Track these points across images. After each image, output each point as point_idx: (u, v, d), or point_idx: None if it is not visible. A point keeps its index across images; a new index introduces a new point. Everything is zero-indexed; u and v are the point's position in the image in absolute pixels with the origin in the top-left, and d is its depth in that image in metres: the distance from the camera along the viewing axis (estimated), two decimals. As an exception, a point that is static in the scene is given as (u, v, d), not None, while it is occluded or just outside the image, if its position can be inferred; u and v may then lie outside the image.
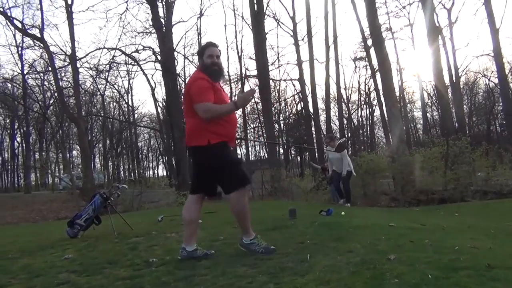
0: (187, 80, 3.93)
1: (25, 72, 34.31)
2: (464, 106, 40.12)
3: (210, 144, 3.48)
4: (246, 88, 44.01)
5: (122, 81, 51.57)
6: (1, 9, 23.67)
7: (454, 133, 16.81)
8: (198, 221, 3.84)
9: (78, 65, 24.86)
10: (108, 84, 39.18)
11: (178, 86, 29.35)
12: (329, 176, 10.76)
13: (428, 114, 46.77)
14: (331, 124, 36.53)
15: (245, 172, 3.77)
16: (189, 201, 3.77)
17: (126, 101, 46.21)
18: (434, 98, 42.94)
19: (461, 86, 38.68)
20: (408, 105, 46.18)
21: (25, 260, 4.20)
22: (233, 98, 3.56)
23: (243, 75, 37.65)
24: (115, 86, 43.08)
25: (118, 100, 46.24)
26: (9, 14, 24.38)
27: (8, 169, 54.23)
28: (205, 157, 3.58)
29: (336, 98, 36.52)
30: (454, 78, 32.36)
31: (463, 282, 2.34)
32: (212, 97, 3.48)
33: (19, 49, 33.28)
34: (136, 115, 48.23)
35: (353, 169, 9.93)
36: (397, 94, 28.85)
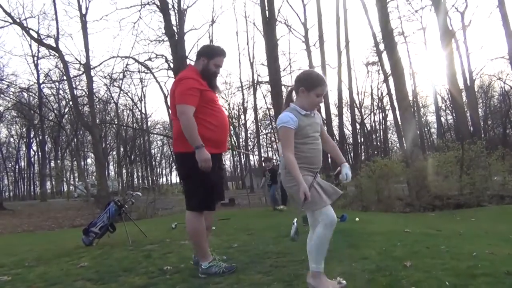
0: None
1: (41, 81, 34.89)
2: (479, 110, 39.62)
3: (190, 152, 3.21)
4: (259, 94, 44.05)
5: (136, 89, 52.39)
6: (18, 20, 24.11)
7: (469, 137, 16.57)
8: (207, 232, 3.64)
9: (92, 74, 25.18)
10: (121, 92, 39.57)
11: (191, 93, 29.50)
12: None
13: (442, 118, 46.30)
14: (344, 129, 36.39)
15: (214, 196, 3.43)
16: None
17: (140, 108, 46.70)
18: (448, 102, 42.51)
19: (476, 90, 38.22)
20: (422, 109, 45.77)
21: (41, 268, 4.24)
22: (202, 145, 3.17)
23: (255, 81, 37.77)
24: (129, 94, 43.53)
25: (131, 108, 46.73)
26: (25, 25, 24.83)
27: (24, 177, 55.05)
28: (183, 165, 3.38)
29: (348, 103, 36.33)
30: (468, 82, 32.00)
31: (482, 290, 2.30)
32: (195, 101, 3.25)
33: (35, 59, 33.92)
34: (149, 123, 48.69)
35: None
36: (410, 98, 28.59)
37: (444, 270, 2.79)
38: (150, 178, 46.63)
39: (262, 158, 11.55)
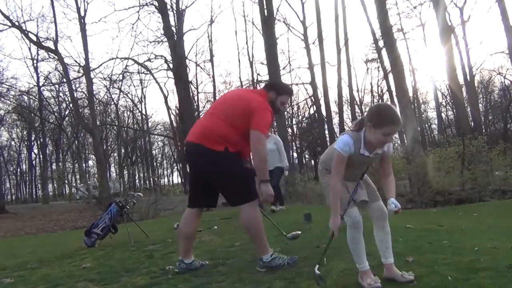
0: (249, 98, 3.41)
1: (41, 84, 34.88)
2: (480, 105, 39.60)
3: (227, 151, 3.25)
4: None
5: (135, 90, 52.42)
6: (17, 23, 24.11)
7: (470, 132, 16.55)
8: (195, 235, 3.66)
9: (92, 76, 25.19)
10: (121, 93, 39.62)
11: (191, 94, 29.55)
12: None
13: (442, 114, 46.27)
14: (345, 126, 36.32)
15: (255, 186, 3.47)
16: (187, 214, 3.56)
17: (140, 109, 46.70)
18: (449, 98, 42.50)
19: (476, 85, 38.17)
20: (422, 105, 45.76)
21: (44, 270, 4.25)
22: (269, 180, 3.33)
23: (255, 80, 37.75)
24: (129, 95, 43.53)
25: (131, 109, 46.75)
26: (24, 28, 24.83)
27: (26, 180, 55.17)
28: (235, 163, 3.32)
29: (348, 100, 36.38)
30: (468, 77, 31.93)
31: (484, 284, 2.30)
32: (267, 132, 3.37)
33: (35, 62, 33.93)
34: (149, 124, 48.69)
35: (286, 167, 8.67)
36: (411, 94, 28.59)
37: (447, 265, 2.78)
38: (151, 179, 46.67)
39: None
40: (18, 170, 53.95)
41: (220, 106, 3.48)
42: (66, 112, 40.58)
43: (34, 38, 25.34)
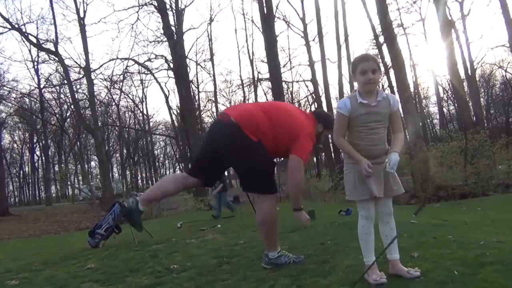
0: (296, 121, 3.32)
1: (42, 86, 34.92)
2: (481, 99, 39.47)
3: (260, 144, 3.16)
4: (260, 91, 43.98)
5: (136, 90, 52.20)
6: (16, 26, 24.14)
7: (472, 126, 16.53)
8: (168, 195, 3.61)
9: (93, 77, 25.24)
10: (122, 94, 39.60)
11: (192, 93, 29.53)
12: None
13: (444, 109, 46.13)
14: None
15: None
16: (181, 176, 3.53)
17: (141, 110, 46.66)
18: (450, 93, 42.37)
19: (477, 79, 38.02)
20: (424, 100, 45.61)
21: (48, 271, 4.25)
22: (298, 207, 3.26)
23: (256, 79, 37.72)
24: (130, 95, 43.48)
25: (133, 109, 46.71)
26: (24, 30, 24.86)
27: (29, 183, 55.24)
28: (248, 150, 3.15)
29: (350, 97, 36.24)
30: (469, 71, 31.82)
31: (491, 278, 2.28)
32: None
33: (35, 64, 33.96)
34: (151, 124, 48.65)
35: None
36: (412, 90, 28.50)
37: (452, 260, 2.77)
38: (154, 179, 46.68)
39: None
40: (21, 172, 53.98)
41: (274, 111, 3.32)
42: (68, 114, 40.62)
43: (34, 40, 25.39)
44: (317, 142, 3.44)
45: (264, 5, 22.55)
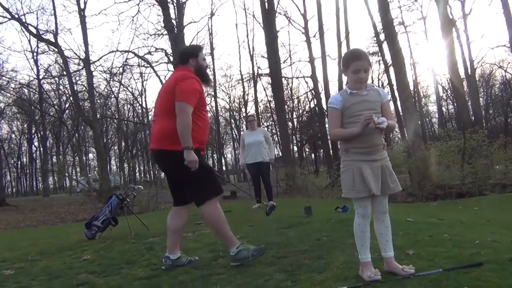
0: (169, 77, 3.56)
1: (41, 77, 34.80)
2: (481, 99, 39.51)
3: (182, 150, 3.18)
4: (259, 87, 43.95)
5: (136, 83, 52.30)
6: (16, 16, 24.01)
7: (470, 126, 16.56)
8: (182, 230, 3.64)
9: (92, 69, 25.11)
10: (121, 86, 39.54)
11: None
12: None
13: (443, 108, 46.21)
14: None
15: (217, 180, 3.47)
16: (173, 210, 3.57)
17: (140, 103, 46.67)
18: (449, 92, 42.44)
19: (477, 79, 38.06)
20: (423, 99, 45.68)
21: (44, 262, 4.26)
22: (192, 147, 3.18)
23: (255, 74, 37.68)
24: (129, 88, 43.45)
25: (132, 102, 46.70)
26: (24, 21, 24.73)
27: (26, 173, 55.24)
28: (177, 162, 3.23)
29: (349, 94, 36.23)
30: (469, 71, 31.82)
31: (485, 277, 2.29)
32: (195, 102, 3.27)
33: (34, 54, 33.85)
34: (150, 117, 48.60)
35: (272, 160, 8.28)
36: (411, 88, 28.51)
37: (447, 258, 2.78)
38: (152, 172, 46.71)
39: None
40: (19, 163, 54.05)
41: (159, 99, 3.47)
42: (66, 105, 40.58)
43: (34, 31, 25.28)
44: (203, 71, 3.52)
45: (265, 0, 22.46)
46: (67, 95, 38.05)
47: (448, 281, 2.28)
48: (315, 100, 34.99)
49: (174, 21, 24.44)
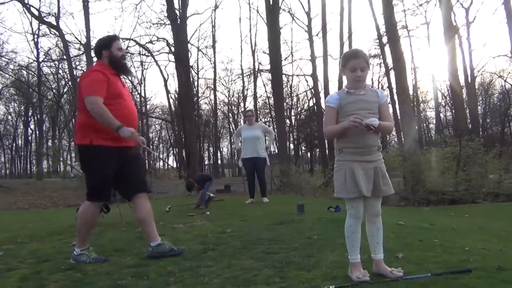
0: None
1: (40, 60, 34.61)
2: (479, 107, 39.61)
3: (92, 144, 3.31)
4: (259, 82, 43.87)
5: (135, 71, 51.85)
6: (19, -4, 23.83)
7: (467, 133, 16.61)
8: (151, 217, 3.58)
9: (93, 54, 24.95)
10: (121, 74, 39.30)
11: (191, 78, 29.39)
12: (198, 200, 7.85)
13: (441, 114, 46.30)
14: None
15: (105, 189, 3.49)
16: (135, 203, 3.56)
17: (139, 91, 46.43)
18: (448, 98, 42.47)
19: (476, 87, 38.14)
20: (421, 104, 45.71)
21: (33, 245, 4.25)
22: (121, 124, 3.25)
23: (256, 69, 37.60)
24: (128, 76, 43.24)
25: (131, 90, 46.47)
26: (26, 2, 24.55)
27: (21, 156, 55.03)
28: (84, 157, 3.45)
29: (348, 95, 36.21)
30: (469, 79, 31.91)
31: (473, 283, 2.30)
32: (103, 92, 3.29)
33: (35, 36, 33.59)
34: (148, 106, 48.47)
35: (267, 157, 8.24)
36: (411, 92, 28.54)
37: (436, 263, 2.78)
38: (147, 162, 46.65)
39: (186, 183, 8.74)
40: (14, 145, 53.78)
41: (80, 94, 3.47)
42: (65, 90, 40.36)
43: (36, 13, 25.12)
44: (118, 61, 3.51)
45: (270, -5, 22.37)
46: (66, 80, 37.89)
47: (436, 285, 2.28)
48: (314, 99, 34.98)
49: (177, 11, 24.31)
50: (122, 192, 3.72)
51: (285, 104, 34.12)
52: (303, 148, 51.81)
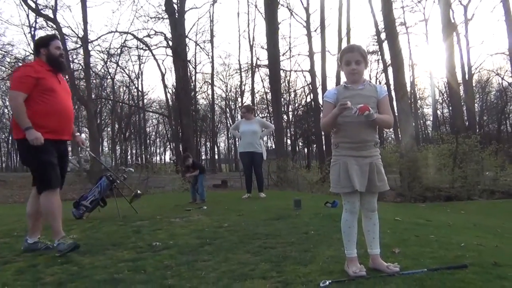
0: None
1: (37, 53, 34.32)
2: (476, 105, 39.70)
3: (25, 138, 3.39)
4: (257, 78, 43.78)
5: (133, 65, 51.77)
6: (15, -11, 23.67)
7: (464, 131, 16.63)
8: (40, 214, 3.71)
9: (90, 48, 24.86)
10: (118, 68, 39.21)
11: (188, 73, 29.32)
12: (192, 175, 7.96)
13: (438, 111, 46.36)
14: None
15: (52, 174, 3.55)
16: (32, 195, 3.71)
17: (136, 86, 46.31)
18: (445, 95, 42.56)
19: (474, 84, 38.21)
20: (419, 101, 45.77)
21: (30, 238, 4.22)
22: (30, 126, 3.37)
23: (254, 64, 37.56)
24: (126, 70, 43.10)
25: (128, 84, 46.34)
26: (23, -6, 24.35)
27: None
28: (21, 151, 3.59)
29: (346, 91, 36.22)
30: (467, 76, 31.97)
31: (468, 279, 2.31)
32: (27, 88, 3.41)
33: (32, 29, 33.27)
34: (145, 100, 48.34)
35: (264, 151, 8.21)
36: (408, 89, 28.56)
37: (432, 259, 2.79)
38: (144, 156, 46.60)
39: (183, 155, 8.93)
40: (10, 138, 53.51)
41: None
42: (62, 83, 40.09)
43: (33, 5, 24.87)
44: (55, 59, 3.64)
45: (269, -10, 22.30)
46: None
47: (432, 281, 2.29)
48: (311, 95, 35.00)
49: (175, 5, 24.22)
50: None
51: (282, 99, 34.09)
52: (300, 143, 51.87)
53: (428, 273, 2.43)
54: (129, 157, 52.35)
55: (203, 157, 52.94)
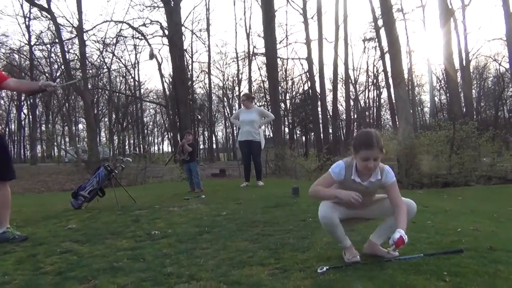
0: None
1: (32, 43, 34.10)
2: (473, 91, 39.70)
3: None
4: (254, 66, 43.63)
5: (129, 55, 51.52)
6: (8, -22, 23.42)
7: (461, 117, 16.67)
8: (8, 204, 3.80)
9: (85, 38, 24.72)
10: (114, 58, 38.96)
11: (185, 62, 29.17)
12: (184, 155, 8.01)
13: (436, 98, 46.38)
14: (338, 105, 36.32)
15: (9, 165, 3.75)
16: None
17: (133, 75, 46.10)
18: (443, 82, 42.56)
19: (471, 70, 38.16)
20: (416, 88, 45.77)
21: (29, 228, 4.25)
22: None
23: (251, 53, 37.40)
24: (122, 60, 42.86)
25: (124, 74, 46.11)
26: (16, -16, 24.13)
27: (14, 140, 54.64)
28: None
29: (343, 78, 36.26)
30: (464, 62, 31.85)
31: (464, 263, 2.33)
32: None
33: (27, 19, 33.14)
34: (142, 90, 48.19)
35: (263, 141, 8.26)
36: (406, 76, 28.52)
37: (429, 244, 2.82)
38: (141, 146, 46.55)
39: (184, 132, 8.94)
40: (7, 129, 53.27)
41: None
42: (58, 74, 39.83)
43: (27, -5, 24.67)
44: None
45: (265, -22, 22.12)
46: (59, 64, 37.42)
47: (428, 265, 2.32)
48: (309, 83, 34.90)
49: (171, -6, 24.02)
50: None
51: (280, 87, 33.98)
52: (298, 132, 51.90)
53: (425, 258, 2.46)
54: (127, 147, 52.30)
55: (201, 147, 52.97)
